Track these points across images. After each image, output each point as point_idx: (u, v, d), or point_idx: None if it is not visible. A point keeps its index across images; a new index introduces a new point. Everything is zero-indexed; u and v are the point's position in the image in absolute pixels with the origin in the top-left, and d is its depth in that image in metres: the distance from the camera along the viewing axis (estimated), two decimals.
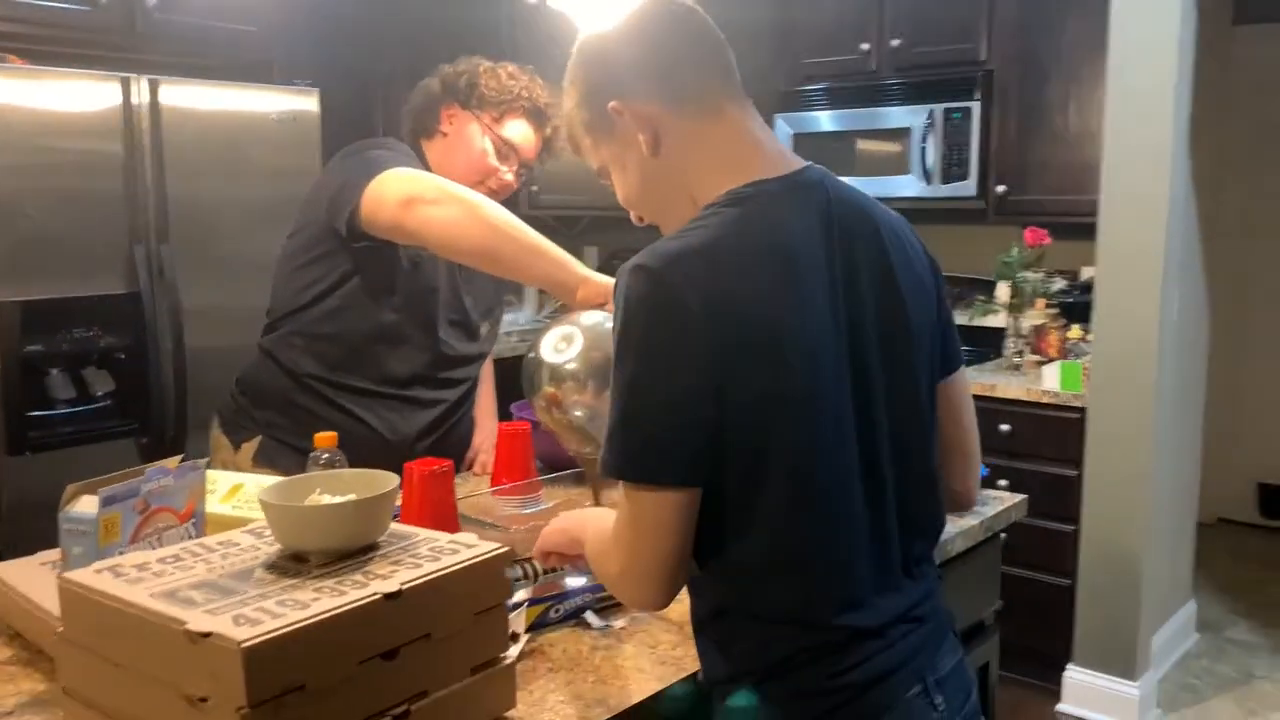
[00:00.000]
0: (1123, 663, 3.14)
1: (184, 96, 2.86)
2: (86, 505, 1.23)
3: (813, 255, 1.09)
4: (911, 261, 1.20)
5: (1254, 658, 3.65)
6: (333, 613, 0.96)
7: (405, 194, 1.73)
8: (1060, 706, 3.22)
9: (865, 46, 3.77)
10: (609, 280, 1.66)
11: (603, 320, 1.60)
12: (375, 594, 1.00)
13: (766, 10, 3.86)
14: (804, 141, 3.79)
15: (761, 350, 1.03)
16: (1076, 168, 3.42)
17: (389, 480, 1.17)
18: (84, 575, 1.07)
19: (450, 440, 2.08)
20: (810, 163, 1.17)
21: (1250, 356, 4.88)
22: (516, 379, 1.64)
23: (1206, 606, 3.95)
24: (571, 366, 1.55)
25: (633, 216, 1.27)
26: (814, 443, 1.07)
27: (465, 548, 1.12)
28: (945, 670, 1.18)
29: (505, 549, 1.13)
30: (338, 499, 1.14)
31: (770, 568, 1.09)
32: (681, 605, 1.43)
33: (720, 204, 1.10)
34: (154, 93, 2.79)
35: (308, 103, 3.14)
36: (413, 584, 1.03)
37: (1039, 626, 3.21)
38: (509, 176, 2.05)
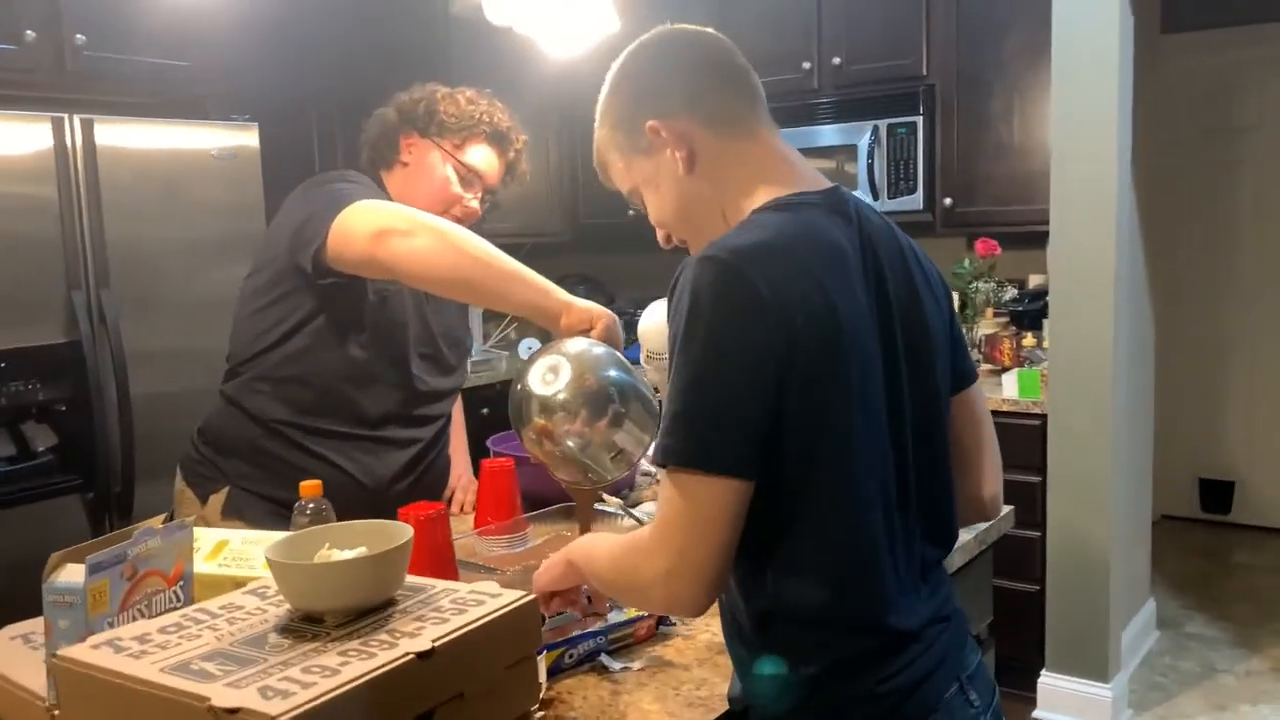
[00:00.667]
0: (1094, 665, 3.17)
1: (119, 135, 2.76)
2: (73, 574, 1.14)
3: (854, 261, 1.12)
4: (929, 280, 1.25)
5: (1214, 651, 3.71)
6: (366, 677, 0.90)
7: (375, 227, 1.66)
8: (1036, 713, 3.24)
9: (806, 65, 3.79)
10: (592, 305, 1.65)
11: (589, 347, 1.58)
12: (407, 654, 0.94)
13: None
14: None
15: (822, 340, 1.04)
16: (1021, 178, 3.47)
17: (402, 531, 1.11)
18: (81, 652, 0.99)
19: (427, 480, 2.01)
20: (837, 184, 1.20)
21: (1186, 354, 4.99)
22: (477, 409, 1.58)
23: (1163, 603, 4.01)
24: (562, 397, 1.51)
25: (660, 236, 1.28)
26: (861, 441, 1.08)
27: (490, 598, 1.07)
28: (973, 667, 1.21)
29: (532, 597, 1.07)
30: (349, 553, 1.08)
31: (818, 568, 1.08)
32: (695, 643, 1.40)
33: (767, 209, 1.13)
34: (88, 132, 2.69)
35: (247, 137, 3.06)
36: (444, 641, 0.97)
37: (1011, 634, 3.19)
38: (474, 204, 2.00)
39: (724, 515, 1.03)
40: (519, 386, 1.56)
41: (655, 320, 1.84)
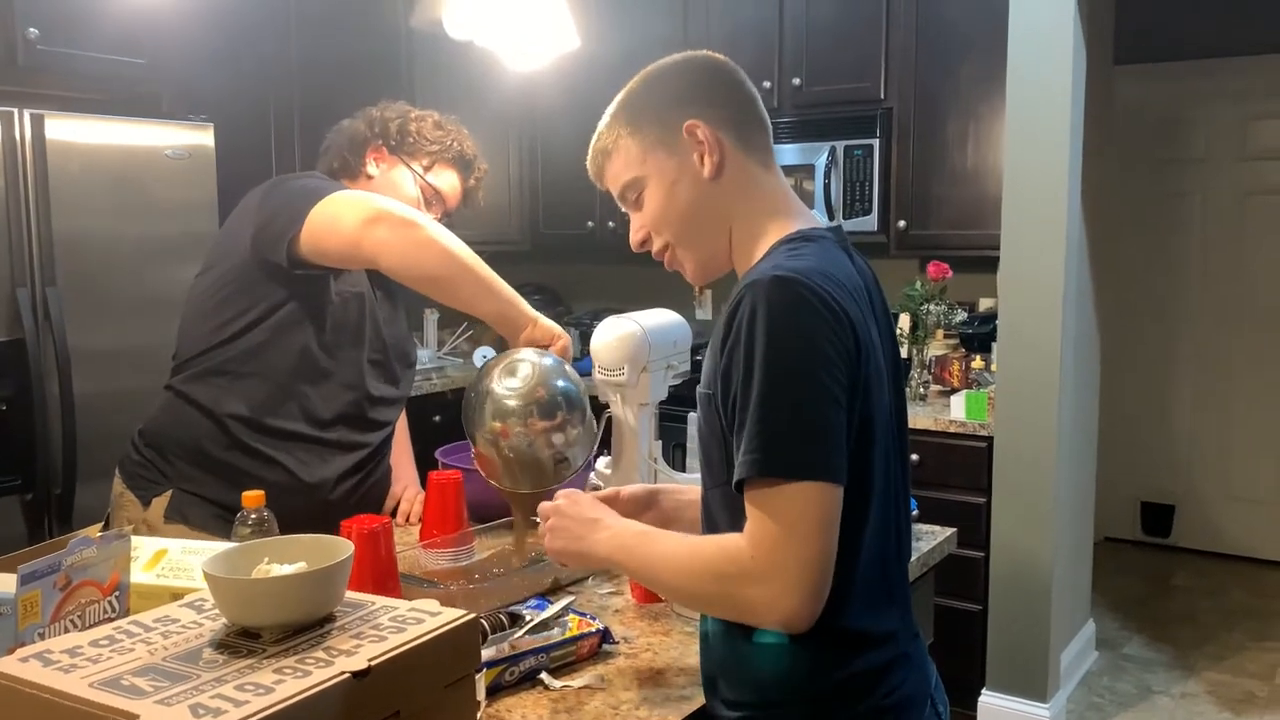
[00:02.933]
0: (1034, 685, 3.21)
1: (71, 131, 2.72)
2: (3, 584, 1.12)
3: (864, 291, 1.19)
4: (887, 314, 1.31)
5: (1150, 673, 3.77)
6: (300, 696, 0.89)
7: (369, 212, 1.68)
8: None
9: (767, 85, 3.82)
10: (554, 325, 1.72)
11: (541, 357, 1.64)
12: (343, 672, 0.93)
13: (665, 52, 3.87)
14: None
15: (866, 355, 1.10)
16: (974, 202, 3.51)
17: (343, 547, 1.10)
18: (8, 665, 0.97)
19: (366, 488, 1.99)
20: (838, 224, 1.27)
21: (1130, 379, 5.08)
22: (429, 416, 1.60)
23: (1102, 625, 4.07)
24: (515, 403, 1.58)
25: (637, 238, 1.29)
26: (882, 447, 1.14)
27: (430, 616, 1.06)
28: (934, 680, 1.26)
29: (472, 616, 1.07)
30: (288, 568, 1.07)
31: (858, 582, 1.12)
32: (637, 663, 1.40)
33: (795, 239, 1.19)
34: (38, 127, 2.65)
35: (202, 137, 3.03)
36: (381, 659, 0.96)
37: (953, 653, 3.24)
38: None
39: (834, 522, 1.06)
40: (474, 392, 1.62)
41: (609, 337, 1.85)
